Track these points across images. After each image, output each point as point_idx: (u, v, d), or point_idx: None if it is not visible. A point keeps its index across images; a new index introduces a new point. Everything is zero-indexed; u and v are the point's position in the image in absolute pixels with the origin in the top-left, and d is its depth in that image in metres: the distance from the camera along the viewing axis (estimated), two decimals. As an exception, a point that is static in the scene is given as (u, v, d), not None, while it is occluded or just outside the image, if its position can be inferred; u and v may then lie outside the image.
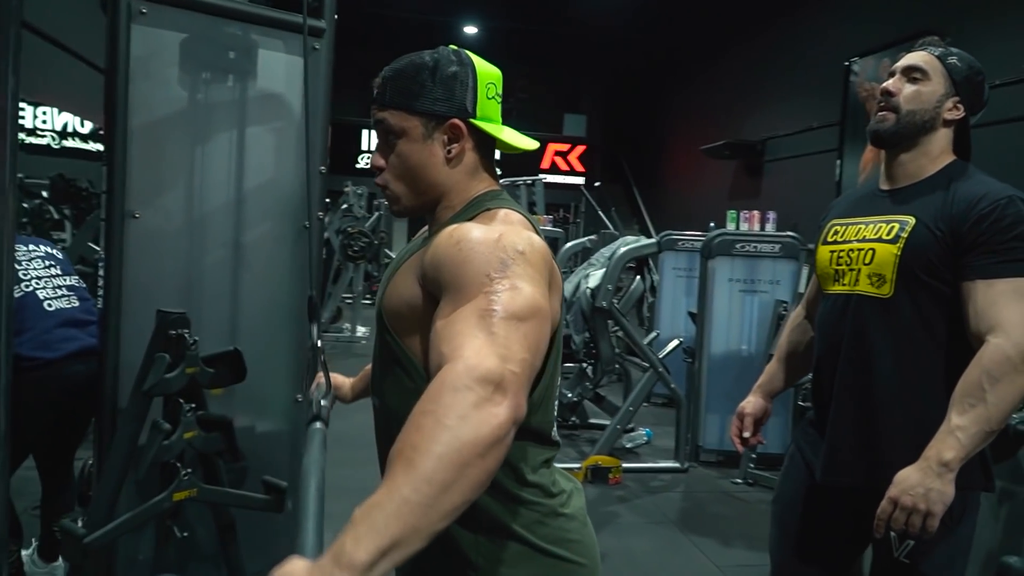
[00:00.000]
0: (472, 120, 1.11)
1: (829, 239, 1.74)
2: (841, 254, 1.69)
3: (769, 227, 4.88)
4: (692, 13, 12.99)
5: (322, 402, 1.26)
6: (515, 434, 0.83)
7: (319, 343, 1.40)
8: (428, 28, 13.40)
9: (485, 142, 1.14)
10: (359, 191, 8.84)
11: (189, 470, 1.74)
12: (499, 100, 1.15)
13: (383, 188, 1.15)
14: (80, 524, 1.65)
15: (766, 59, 11.07)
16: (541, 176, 9.53)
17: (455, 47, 1.14)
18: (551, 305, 0.98)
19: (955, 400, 1.46)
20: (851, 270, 1.65)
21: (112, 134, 1.82)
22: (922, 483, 1.43)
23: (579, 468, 4.24)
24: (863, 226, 1.67)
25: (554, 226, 9.14)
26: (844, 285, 1.67)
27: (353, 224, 8.46)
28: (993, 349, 1.44)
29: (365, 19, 12.93)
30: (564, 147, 16.49)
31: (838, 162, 9.16)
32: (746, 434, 1.86)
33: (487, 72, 1.13)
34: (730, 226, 4.99)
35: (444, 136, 1.11)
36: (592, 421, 5.31)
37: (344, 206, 8.82)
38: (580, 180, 15.92)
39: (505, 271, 0.93)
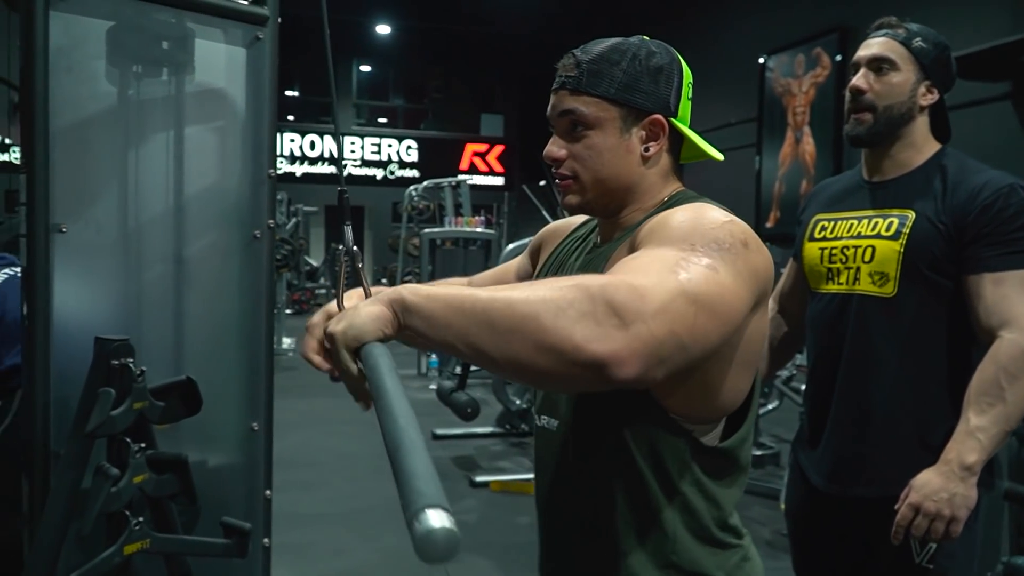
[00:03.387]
0: (672, 119, 1.01)
1: (816, 235, 1.66)
2: (834, 251, 1.60)
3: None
4: (602, 13, 13.09)
5: None
6: (729, 469, 0.82)
7: (354, 247, 1.19)
8: (340, 27, 13.08)
9: (676, 143, 1.05)
10: (279, 196, 8.51)
11: (140, 519, 1.52)
12: (691, 102, 1.05)
13: (569, 179, 1.02)
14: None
15: (681, 56, 11.25)
16: (464, 177, 9.36)
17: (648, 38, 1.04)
18: (749, 321, 0.87)
19: (971, 399, 1.40)
20: (847, 268, 1.57)
21: (31, 137, 1.57)
22: (945, 488, 1.37)
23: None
24: (855, 221, 1.59)
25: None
26: (841, 284, 1.58)
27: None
28: (1008, 345, 1.38)
29: (273, 18, 12.53)
30: (483, 147, 16.34)
31: (757, 157, 9.36)
32: None
33: (688, 70, 1.04)
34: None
35: (643, 132, 1.00)
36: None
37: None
38: (500, 181, 15.83)
39: (713, 252, 0.80)
